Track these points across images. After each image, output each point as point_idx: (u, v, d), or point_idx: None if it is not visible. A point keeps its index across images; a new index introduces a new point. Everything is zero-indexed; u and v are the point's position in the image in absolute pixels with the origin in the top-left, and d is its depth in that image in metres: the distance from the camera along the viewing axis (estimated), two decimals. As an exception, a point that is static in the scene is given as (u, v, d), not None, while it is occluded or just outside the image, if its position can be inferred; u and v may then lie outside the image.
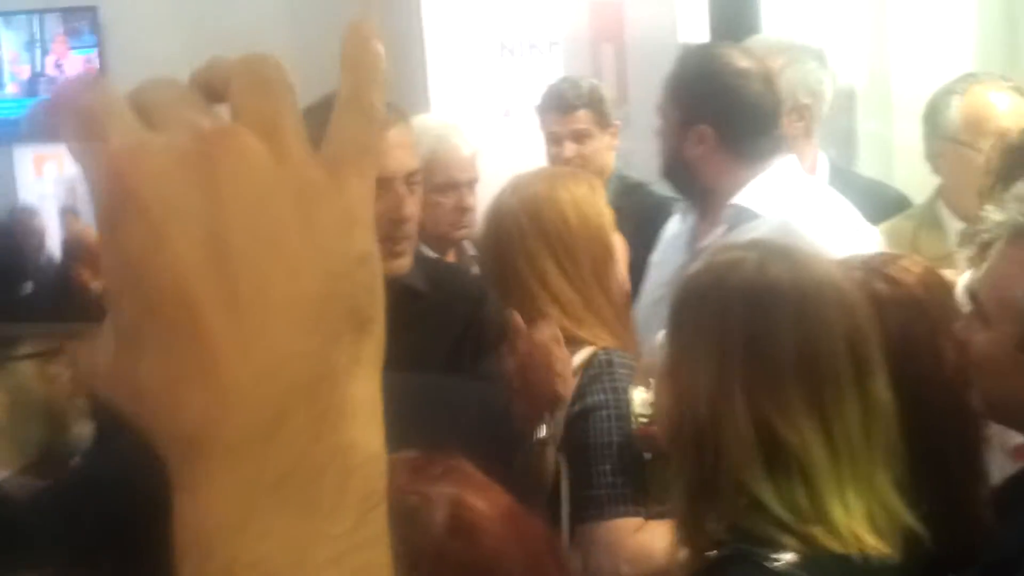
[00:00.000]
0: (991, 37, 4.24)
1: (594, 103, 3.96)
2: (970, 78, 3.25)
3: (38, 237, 5.34)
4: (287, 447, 0.50)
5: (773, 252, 1.80)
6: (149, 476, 0.56)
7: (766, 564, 1.63)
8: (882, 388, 1.74)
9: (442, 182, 3.52)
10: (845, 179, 3.53)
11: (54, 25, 6.96)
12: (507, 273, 2.58)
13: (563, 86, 4.06)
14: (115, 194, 0.50)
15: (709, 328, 1.74)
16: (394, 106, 2.31)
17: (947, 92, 3.22)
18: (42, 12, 6.95)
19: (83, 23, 6.86)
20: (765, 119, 2.91)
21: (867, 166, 4.27)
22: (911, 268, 2.09)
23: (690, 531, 1.72)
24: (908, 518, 1.71)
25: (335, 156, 0.53)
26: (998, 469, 2.10)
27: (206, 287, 0.49)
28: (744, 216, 2.82)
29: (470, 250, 3.63)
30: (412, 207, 2.39)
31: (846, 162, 4.04)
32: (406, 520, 1.16)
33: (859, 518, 1.68)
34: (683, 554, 1.73)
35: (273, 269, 0.50)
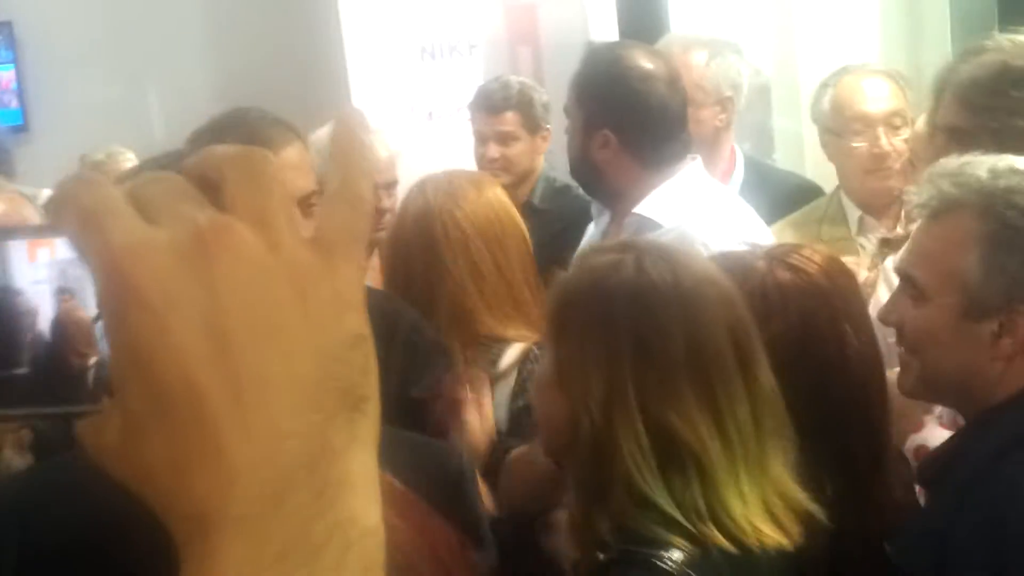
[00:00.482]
0: (894, 29, 4.35)
1: (522, 105, 3.98)
2: (844, 70, 3.34)
3: (31, 319, 5.28)
4: (289, 522, 0.52)
5: (649, 252, 1.80)
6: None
7: (655, 563, 1.62)
8: (766, 376, 1.76)
9: None
10: (761, 172, 3.61)
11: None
12: (436, 274, 2.61)
13: (492, 87, 4.08)
14: (118, 289, 0.53)
15: (595, 333, 1.73)
16: (287, 125, 2.27)
17: (823, 85, 3.33)
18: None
19: (-2, 39, 6.81)
20: (669, 124, 2.90)
21: (780, 159, 4.38)
22: (813, 257, 2.13)
23: (582, 534, 1.72)
24: (806, 503, 1.73)
25: (326, 243, 0.56)
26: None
27: (208, 373, 0.52)
28: (645, 226, 2.81)
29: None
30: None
31: (761, 156, 4.13)
32: None
33: (756, 509, 1.70)
34: (575, 557, 1.74)
35: (271, 354, 0.53)
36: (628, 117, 2.87)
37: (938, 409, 2.38)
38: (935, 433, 2.38)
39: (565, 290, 1.83)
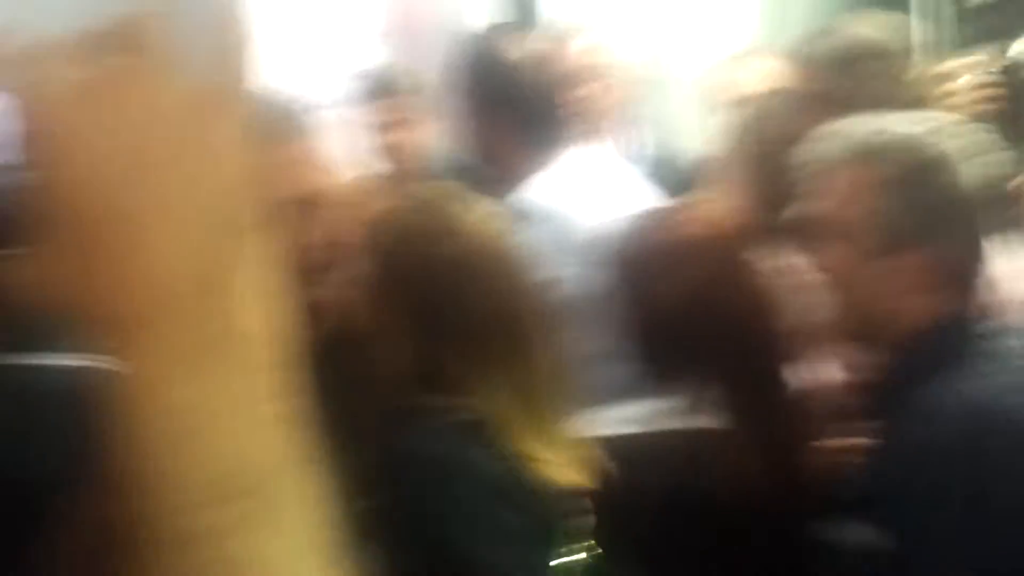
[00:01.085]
0: (767, 15, 4.43)
1: (411, 90, 3.94)
2: (733, 55, 3.46)
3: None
4: (194, 319, 0.62)
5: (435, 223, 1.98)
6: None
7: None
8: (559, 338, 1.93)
9: None
10: (662, 154, 3.68)
11: None
12: None
13: (380, 73, 4.04)
14: (34, 125, 0.60)
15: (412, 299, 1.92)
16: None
17: (713, 69, 3.47)
18: None
19: None
20: (543, 109, 2.97)
21: (659, 145, 4.41)
22: (708, 214, 2.35)
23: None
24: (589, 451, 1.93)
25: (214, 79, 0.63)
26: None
27: (122, 196, 0.60)
28: (522, 211, 2.86)
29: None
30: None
31: (642, 141, 4.16)
32: None
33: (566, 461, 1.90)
34: None
35: (181, 179, 0.61)
36: (502, 102, 2.93)
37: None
38: (828, 368, 2.51)
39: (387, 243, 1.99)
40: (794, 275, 2.27)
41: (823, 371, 2.49)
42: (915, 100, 2.61)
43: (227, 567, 0.61)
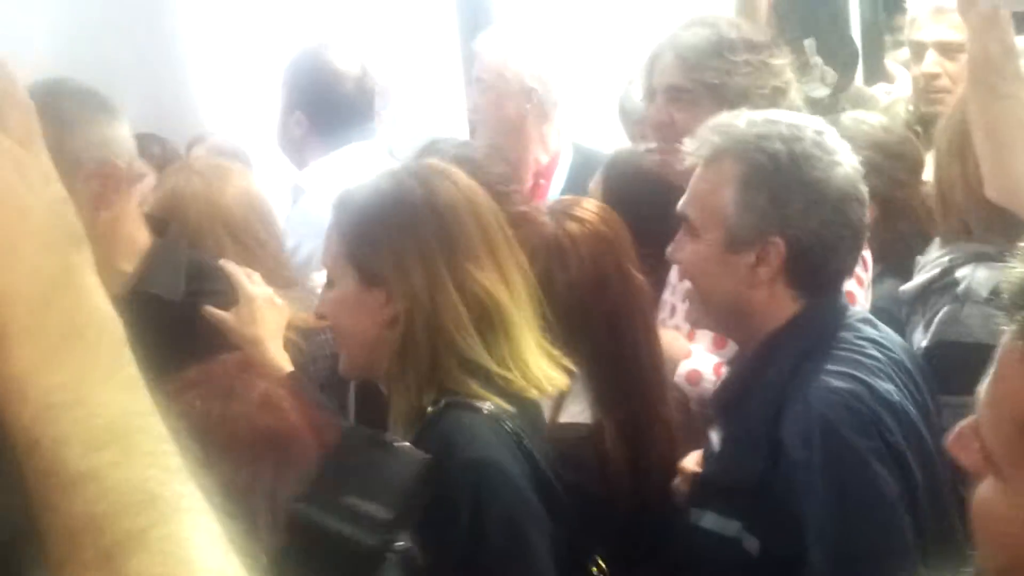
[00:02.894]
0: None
1: None
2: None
3: None
4: (59, 317, 0.79)
5: (419, 172, 2.16)
6: None
7: (477, 406, 1.98)
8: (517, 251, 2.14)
9: None
10: (589, 158, 3.77)
11: None
12: None
13: None
14: None
15: (406, 240, 2.04)
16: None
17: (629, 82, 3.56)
18: None
19: None
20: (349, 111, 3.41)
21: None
22: (591, 208, 2.47)
23: (409, 398, 2.02)
24: (563, 359, 2.09)
25: (23, 140, 0.83)
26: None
27: None
28: (297, 191, 3.38)
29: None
30: None
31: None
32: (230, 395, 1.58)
33: (541, 358, 2.06)
34: (400, 419, 2.04)
35: (12, 213, 0.79)
36: (306, 103, 3.43)
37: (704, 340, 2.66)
38: (704, 358, 2.64)
39: (360, 211, 2.11)
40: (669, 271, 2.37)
41: (693, 365, 2.63)
42: (779, 92, 2.70)
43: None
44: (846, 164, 2.12)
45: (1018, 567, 1.15)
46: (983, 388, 1.16)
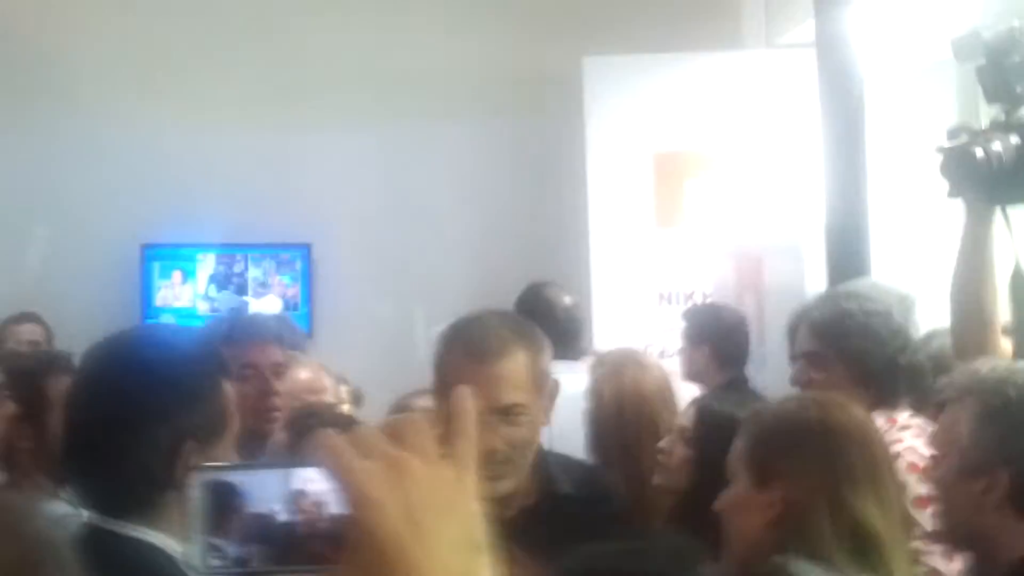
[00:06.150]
0: None
1: None
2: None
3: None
4: None
5: (813, 397, 2.65)
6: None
7: None
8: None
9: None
10: None
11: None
12: None
13: None
14: (354, 497, 0.96)
15: (816, 462, 2.30)
16: (515, 335, 2.56)
17: None
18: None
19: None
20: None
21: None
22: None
23: None
24: None
25: (455, 460, 1.01)
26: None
27: (407, 536, 0.94)
28: None
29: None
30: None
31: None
32: None
33: None
34: None
35: (440, 524, 0.96)
36: None
37: None
38: None
39: (768, 433, 2.39)
40: None
41: None
42: None
43: None
44: None
45: None
46: None
